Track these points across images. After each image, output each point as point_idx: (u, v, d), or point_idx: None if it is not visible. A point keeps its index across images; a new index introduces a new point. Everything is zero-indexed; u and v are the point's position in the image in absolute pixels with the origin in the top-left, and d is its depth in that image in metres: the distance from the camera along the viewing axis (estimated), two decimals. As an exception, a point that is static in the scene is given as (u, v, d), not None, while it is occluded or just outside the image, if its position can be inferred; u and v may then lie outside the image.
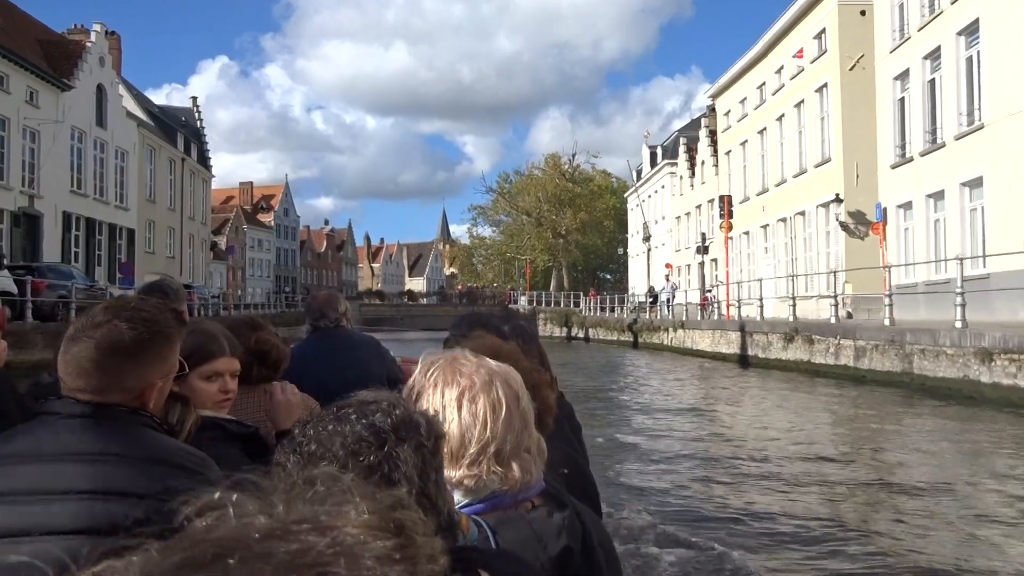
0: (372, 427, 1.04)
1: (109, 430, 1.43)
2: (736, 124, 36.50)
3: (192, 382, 2.03)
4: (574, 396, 12.68)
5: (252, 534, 0.45)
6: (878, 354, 13.38)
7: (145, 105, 43.70)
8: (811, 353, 16.16)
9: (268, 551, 0.43)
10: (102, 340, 1.45)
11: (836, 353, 15.06)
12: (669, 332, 27.58)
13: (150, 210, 38.50)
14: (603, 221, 70.13)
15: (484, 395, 1.33)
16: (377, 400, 1.09)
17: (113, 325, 1.47)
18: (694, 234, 42.90)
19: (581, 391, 15.11)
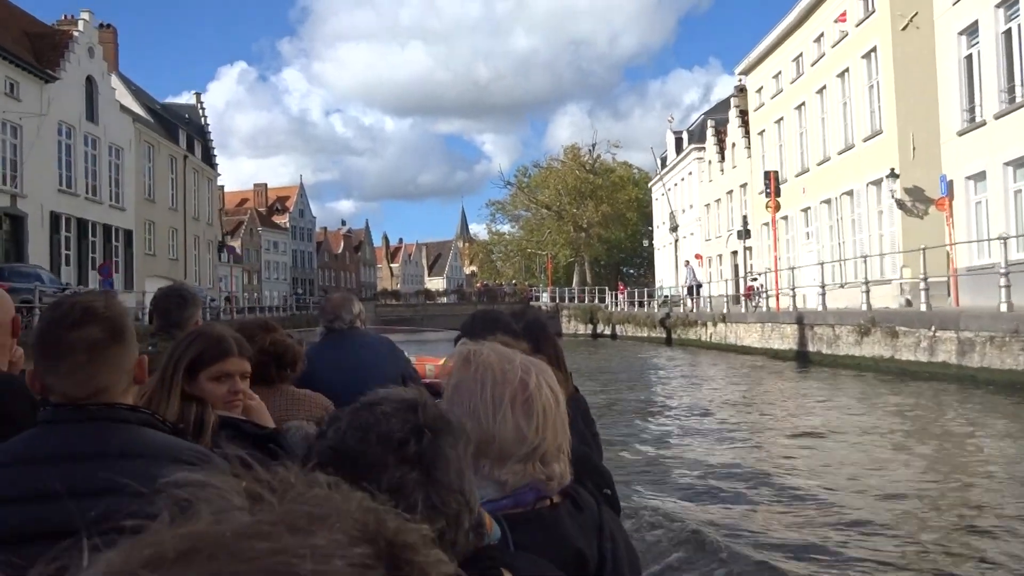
0: (408, 421, 1.02)
1: (108, 429, 1.45)
2: (770, 101, 33.88)
3: (201, 383, 2.08)
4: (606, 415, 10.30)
5: (226, 531, 0.44)
6: (994, 349, 10.83)
7: (145, 102, 41.78)
8: (894, 348, 13.65)
9: (240, 549, 0.43)
10: (83, 344, 1.47)
11: (931, 348, 12.52)
12: (708, 327, 25.06)
13: (149, 210, 36.53)
14: (626, 213, 67.52)
15: (537, 396, 1.30)
16: (408, 396, 1.06)
17: (86, 327, 1.48)
18: (726, 222, 40.35)
19: (613, 403, 12.74)
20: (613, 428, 9.85)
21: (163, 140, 38.50)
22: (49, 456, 1.41)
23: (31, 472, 1.38)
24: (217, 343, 2.18)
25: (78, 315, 1.50)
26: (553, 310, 48.50)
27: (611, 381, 16.85)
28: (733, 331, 22.76)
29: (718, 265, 41.78)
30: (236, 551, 0.42)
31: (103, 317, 1.51)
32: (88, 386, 1.48)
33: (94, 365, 1.48)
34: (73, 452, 1.41)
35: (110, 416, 1.47)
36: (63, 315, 1.52)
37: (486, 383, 1.31)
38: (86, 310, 1.51)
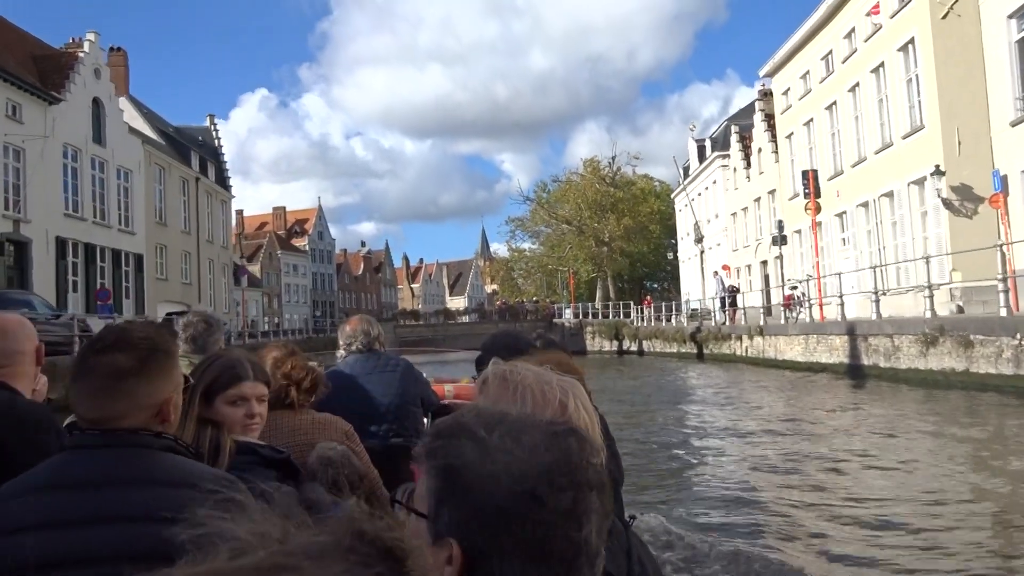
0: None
1: (133, 455, 1.44)
2: (798, 103, 32.48)
3: (218, 407, 2.10)
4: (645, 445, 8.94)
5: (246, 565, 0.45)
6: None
7: (157, 125, 41.13)
8: (969, 359, 12.17)
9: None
10: (105, 370, 1.47)
11: (1017, 359, 11.04)
12: (743, 340, 23.58)
13: (160, 233, 35.69)
14: (648, 226, 66.06)
15: (576, 418, 1.26)
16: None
17: (111, 354, 1.48)
18: (754, 230, 38.87)
19: (651, 431, 11.36)
20: (655, 458, 8.52)
21: (174, 162, 37.73)
22: (73, 483, 1.40)
23: (54, 500, 1.38)
24: (232, 367, 2.20)
25: (110, 340, 1.51)
26: (576, 327, 47.14)
27: (645, 403, 15.49)
28: (772, 344, 21.29)
29: (747, 276, 40.24)
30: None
31: (133, 346, 1.49)
32: (102, 411, 1.47)
33: (111, 392, 1.47)
34: (94, 479, 1.39)
35: (132, 442, 1.47)
36: (98, 339, 1.53)
37: (526, 404, 1.27)
38: (120, 336, 1.51)
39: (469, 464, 0.85)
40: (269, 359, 2.73)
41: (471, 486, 0.84)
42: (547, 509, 0.83)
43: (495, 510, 0.83)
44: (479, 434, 0.88)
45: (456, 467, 0.86)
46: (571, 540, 0.84)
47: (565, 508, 0.84)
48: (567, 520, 0.84)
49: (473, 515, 0.83)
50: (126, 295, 32.17)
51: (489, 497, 0.83)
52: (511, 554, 0.82)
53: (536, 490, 0.83)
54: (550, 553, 0.83)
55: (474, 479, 0.84)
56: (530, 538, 0.83)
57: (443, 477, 0.86)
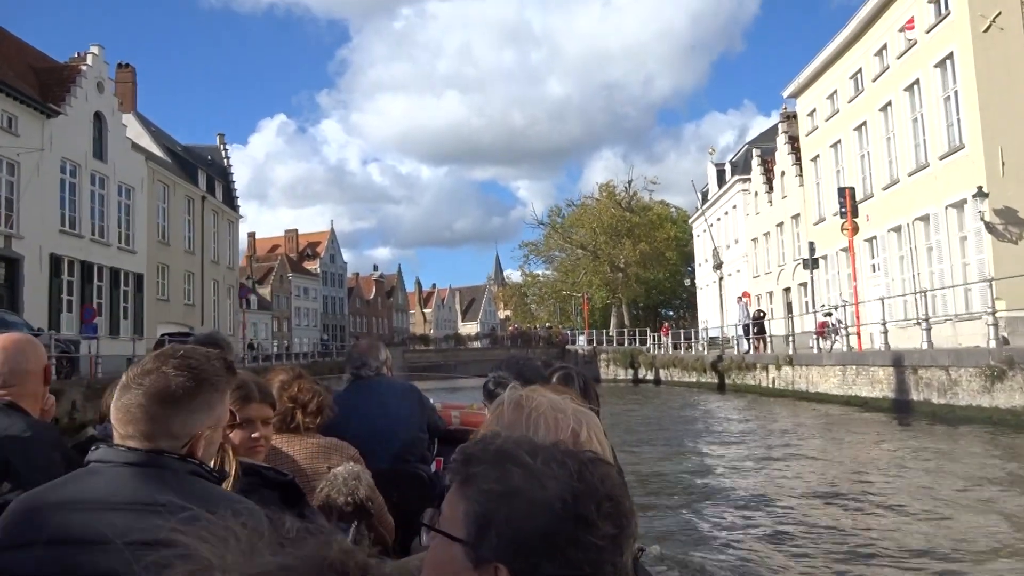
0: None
1: (157, 478, 1.42)
2: (824, 124, 31.21)
3: (224, 429, 1.98)
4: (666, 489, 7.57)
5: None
6: None
7: (164, 143, 40.31)
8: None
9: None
10: (150, 387, 1.47)
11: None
12: (770, 370, 22.11)
13: (163, 253, 34.64)
14: (665, 252, 64.71)
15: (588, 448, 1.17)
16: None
17: (161, 372, 1.48)
18: (776, 256, 37.47)
19: (671, 471, 9.96)
20: (677, 507, 7.15)
21: (179, 180, 36.77)
22: (91, 502, 1.38)
23: (70, 516, 1.36)
24: (238, 389, 2.15)
25: (161, 360, 1.50)
26: (590, 354, 45.69)
27: (672, 440, 14.06)
28: (803, 375, 19.81)
29: (768, 303, 38.75)
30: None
31: (187, 372, 1.49)
32: (135, 428, 1.46)
33: (148, 413, 1.46)
34: (114, 500, 1.38)
35: (157, 463, 1.45)
36: (154, 356, 1.52)
37: (538, 430, 1.26)
38: (171, 356, 1.50)
39: (519, 489, 0.86)
40: (276, 382, 2.73)
41: (522, 511, 0.85)
42: (597, 534, 0.85)
43: (545, 535, 0.84)
44: (524, 459, 0.89)
45: (506, 492, 0.87)
46: (615, 566, 0.86)
47: (611, 534, 0.86)
48: (613, 545, 0.86)
49: (524, 540, 0.85)
50: (124, 316, 31.07)
51: (540, 522, 0.85)
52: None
53: (588, 516, 0.85)
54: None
55: (525, 504, 0.86)
56: (578, 562, 0.84)
57: (491, 502, 0.87)
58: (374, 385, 3.64)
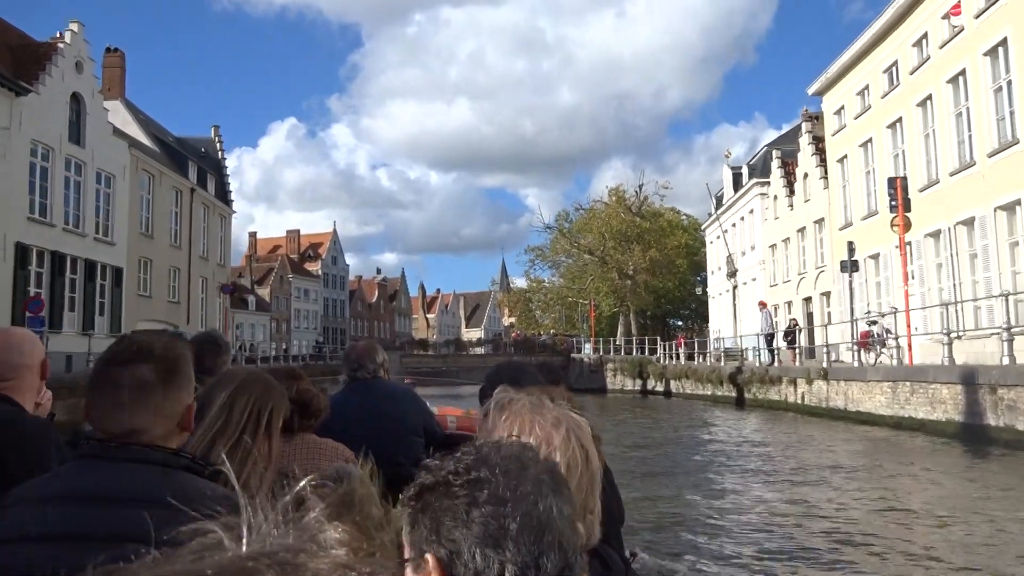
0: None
1: (149, 473, 1.43)
2: (853, 122, 29.11)
3: (276, 433, 2.01)
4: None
5: (205, 569, 0.45)
6: None
7: (153, 132, 38.42)
8: None
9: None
10: (131, 381, 1.46)
11: None
12: (798, 385, 19.96)
13: (145, 246, 32.66)
14: (675, 260, 62.48)
15: (561, 452, 1.26)
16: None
17: (137, 365, 1.48)
18: (796, 264, 35.32)
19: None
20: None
21: (166, 170, 34.80)
22: (83, 497, 1.38)
23: (62, 512, 1.36)
24: (282, 392, 2.09)
25: (132, 353, 1.50)
26: (596, 363, 43.59)
27: (678, 467, 11.94)
28: (841, 392, 17.63)
29: (786, 313, 36.58)
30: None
31: (157, 357, 1.50)
32: (125, 424, 1.46)
33: (136, 405, 1.47)
34: (106, 495, 1.38)
35: (149, 458, 1.45)
36: (119, 352, 1.52)
37: (513, 433, 1.29)
38: (141, 348, 1.51)
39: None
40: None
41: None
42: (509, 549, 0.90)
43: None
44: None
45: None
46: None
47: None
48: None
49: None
50: (100, 311, 29.07)
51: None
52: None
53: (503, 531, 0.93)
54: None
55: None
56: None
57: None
58: (370, 387, 3.64)
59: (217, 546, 0.48)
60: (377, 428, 3.35)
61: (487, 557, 0.89)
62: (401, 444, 3.46)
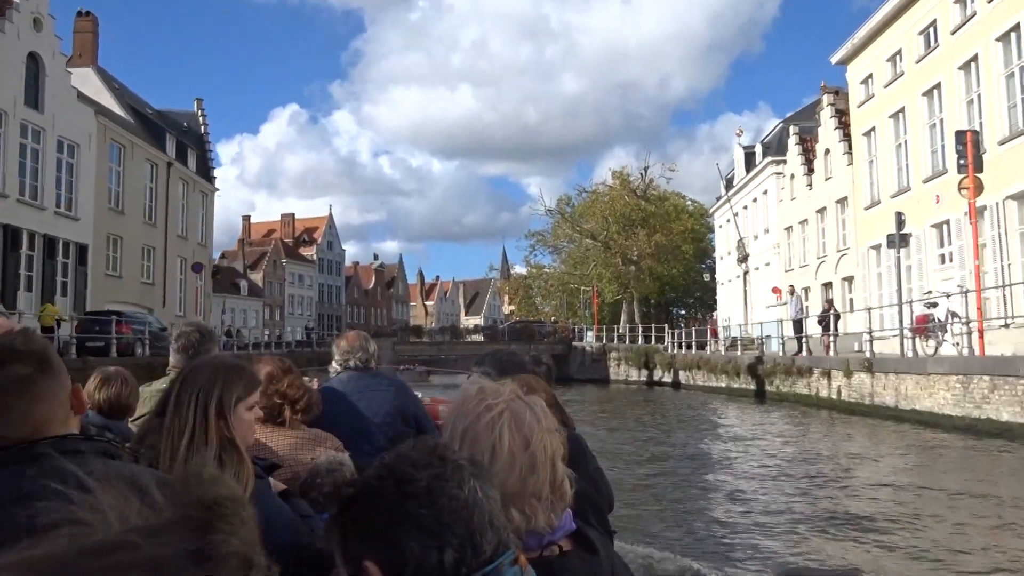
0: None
1: (59, 465, 1.26)
2: (883, 91, 26.69)
3: (240, 413, 2.01)
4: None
5: (73, 549, 0.46)
6: None
7: (129, 102, 36.02)
8: None
9: (81, 565, 0.44)
10: (11, 381, 1.44)
11: None
12: (833, 378, 17.63)
13: (115, 222, 30.32)
14: (680, 245, 60.03)
15: (486, 435, 1.28)
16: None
17: (9, 366, 1.45)
18: (814, 247, 32.96)
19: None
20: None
21: (140, 141, 32.39)
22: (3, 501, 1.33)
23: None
24: (254, 372, 2.15)
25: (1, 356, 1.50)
26: (599, 352, 41.33)
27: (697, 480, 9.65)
28: (891, 386, 15.26)
29: (803, 300, 34.25)
30: (78, 567, 0.44)
31: (24, 352, 1.49)
32: (26, 424, 1.44)
33: (26, 402, 1.45)
34: (22, 496, 1.29)
35: (64, 448, 1.42)
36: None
37: (454, 418, 1.34)
38: (4, 350, 1.49)
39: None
40: (262, 374, 2.63)
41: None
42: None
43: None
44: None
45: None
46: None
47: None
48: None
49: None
50: (62, 291, 26.76)
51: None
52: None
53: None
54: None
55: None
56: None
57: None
58: (361, 377, 3.63)
59: (87, 528, 0.47)
60: (367, 419, 3.39)
61: (425, 547, 0.93)
62: (392, 435, 3.38)
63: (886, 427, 14.10)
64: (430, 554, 0.92)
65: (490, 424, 1.28)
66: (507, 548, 0.99)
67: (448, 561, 0.93)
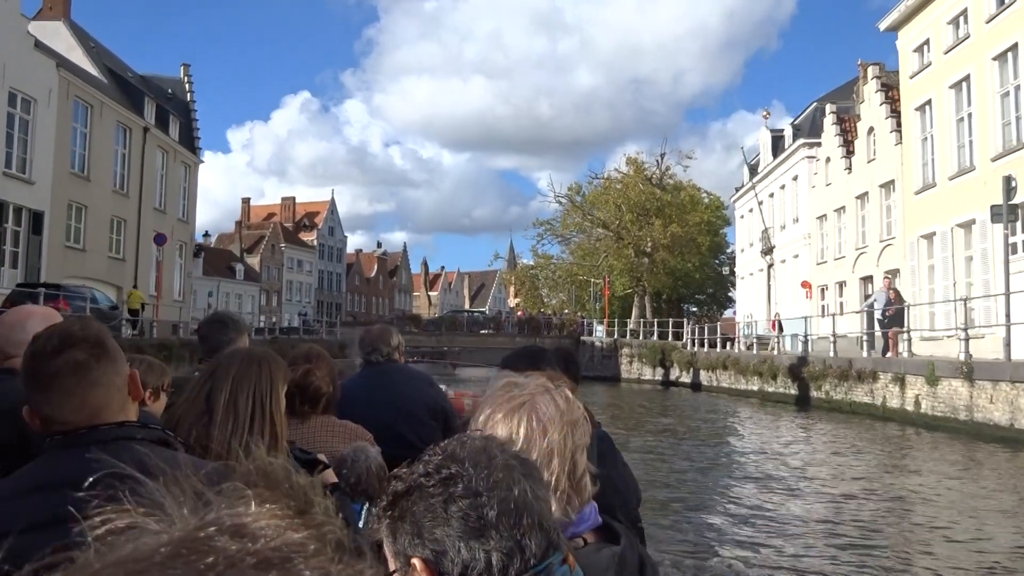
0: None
1: (121, 451, 1.40)
2: (942, 59, 23.53)
3: (282, 406, 2.15)
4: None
5: (157, 550, 0.44)
6: None
7: (106, 62, 33.07)
8: None
9: (175, 566, 0.42)
10: (69, 367, 1.48)
11: None
12: (908, 385, 14.51)
13: (78, 189, 27.34)
14: (696, 238, 56.71)
15: (504, 424, 1.30)
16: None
17: (68, 352, 1.48)
18: (853, 237, 29.81)
19: None
20: None
21: (110, 101, 29.36)
22: (61, 483, 1.31)
23: (44, 500, 1.36)
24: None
25: (56, 342, 1.51)
26: (610, 347, 38.29)
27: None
28: (1003, 399, 12.05)
29: (836, 296, 31.17)
30: (172, 570, 0.42)
31: (81, 339, 1.51)
32: (83, 410, 1.48)
33: (83, 387, 1.48)
34: (76, 478, 1.26)
35: (119, 435, 1.47)
36: (42, 346, 1.52)
37: (482, 407, 1.35)
38: (63, 336, 1.52)
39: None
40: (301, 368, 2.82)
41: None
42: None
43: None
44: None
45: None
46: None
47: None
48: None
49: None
50: (11, 263, 23.84)
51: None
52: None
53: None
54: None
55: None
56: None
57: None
58: (386, 370, 3.59)
59: (155, 528, 0.46)
60: (391, 411, 3.36)
61: (472, 548, 0.92)
62: (415, 427, 3.41)
63: (994, 452, 11.03)
64: (477, 556, 0.91)
65: (509, 414, 1.29)
66: (557, 549, 0.97)
67: (496, 563, 0.92)
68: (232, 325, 3.33)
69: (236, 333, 3.27)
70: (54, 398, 1.47)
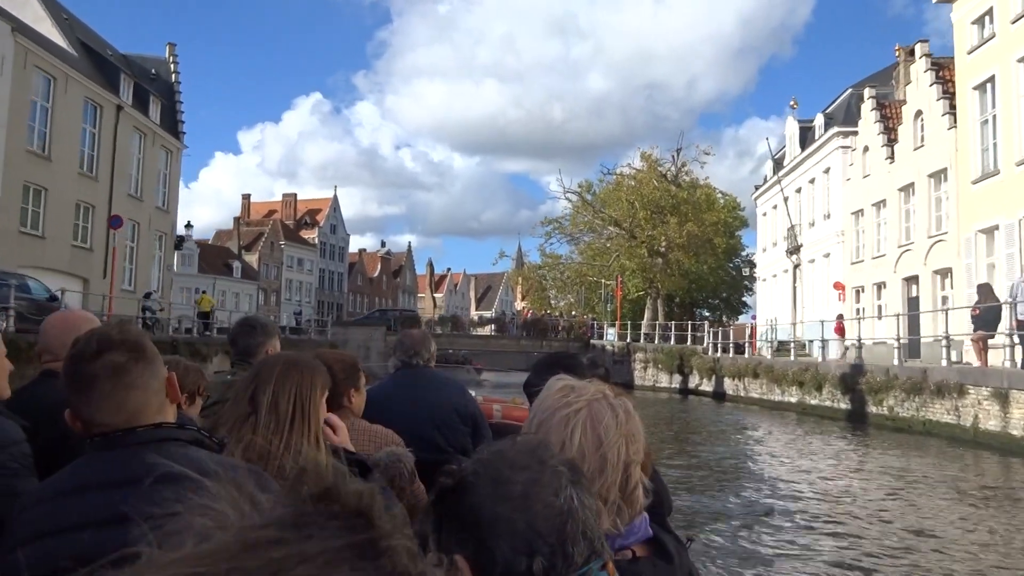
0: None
1: (157, 451, 1.43)
2: (1008, 29, 20.67)
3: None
4: None
5: (220, 549, 0.44)
6: None
7: (81, 38, 30.46)
8: None
9: (242, 563, 0.43)
10: (107, 371, 1.48)
11: None
12: (1013, 402, 11.64)
13: (36, 169, 24.62)
14: (712, 238, 53.74)
15: (558, 430, 1.26)
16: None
17: (107, 355, 1.49)
18: (895, 233, 26.93)
19: None
20: None
21: (76, 74, 26.65)
22: (100, 484, 1.39)
23: (84, 501, 1.38)
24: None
25: (95, 346, 1.51)
26: (622, 352, 35.46)
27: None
28: None
29: (874, 299, 28.29)
30: (246, 568, 0.43)
31: (119, 341, 1.52)
32: (122, 412, 1.48)
33: (121, 390, 1.49)
34: (122, 478, 1.37)
35: (155, 437, 1.48)
36: (81, 349, 1.53)
37: (535, 408, 1.33)
38: (102, 339, 1.53)
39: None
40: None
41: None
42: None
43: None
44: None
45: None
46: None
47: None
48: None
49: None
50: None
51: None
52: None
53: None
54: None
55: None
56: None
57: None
58: (420, 375, 3.63)
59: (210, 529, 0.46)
60: (423, 416, 3.38)
61: (515, 551, 0.92)
62: (446, 432, 3.46)
63: None
64: (519, 559, 0.91)
65: (564, 420, 1.26)
66: (598, 556, 0.97)
67: (537, 568, 0.92)
68: (261, 329, 3.44)
69: (265, 337, 3.36)
70: (93, 400, 1.48)
